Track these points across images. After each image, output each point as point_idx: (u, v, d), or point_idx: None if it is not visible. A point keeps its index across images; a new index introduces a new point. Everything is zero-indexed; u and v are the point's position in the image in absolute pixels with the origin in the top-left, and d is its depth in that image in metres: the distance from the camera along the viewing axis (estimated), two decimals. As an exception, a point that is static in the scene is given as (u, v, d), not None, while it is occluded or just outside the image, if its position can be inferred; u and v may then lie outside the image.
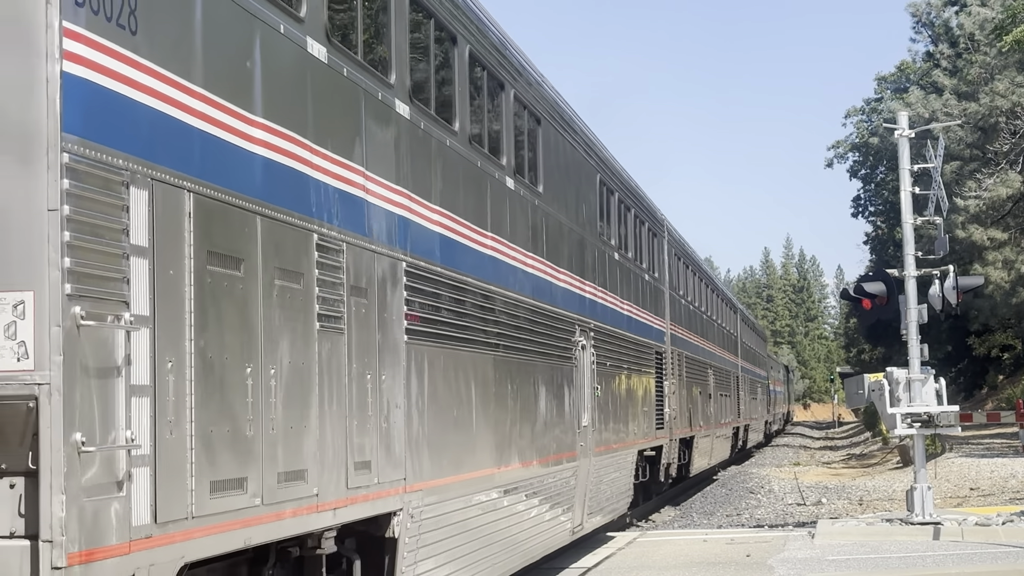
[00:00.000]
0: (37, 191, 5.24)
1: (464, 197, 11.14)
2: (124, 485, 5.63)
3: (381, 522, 9.09)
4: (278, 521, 7.17)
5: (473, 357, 11.20)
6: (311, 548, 7.97)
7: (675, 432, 25.16)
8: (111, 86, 5.66)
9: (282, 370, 7.25)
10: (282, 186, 7.39)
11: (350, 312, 8.30)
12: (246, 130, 6.95)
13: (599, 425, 16.87)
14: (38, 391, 5.21)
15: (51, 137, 5.27)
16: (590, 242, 17.13)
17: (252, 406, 6.84)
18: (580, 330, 16.02)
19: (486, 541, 11.61)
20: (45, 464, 5.20)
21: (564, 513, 15.04)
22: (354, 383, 8.34)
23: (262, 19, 7.20)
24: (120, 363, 5.63)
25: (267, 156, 7.20)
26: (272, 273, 7.17)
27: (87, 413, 5.39)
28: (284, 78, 7.52)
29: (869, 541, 17.84)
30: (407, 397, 9.38)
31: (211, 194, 6.50)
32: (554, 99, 15.34)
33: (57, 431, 5.21)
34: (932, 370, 19.70)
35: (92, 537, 5.39)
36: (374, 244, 8.82)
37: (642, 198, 22.89)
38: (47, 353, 5.22)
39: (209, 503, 6.35)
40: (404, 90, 9.60)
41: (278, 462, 7.14)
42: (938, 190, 20.04)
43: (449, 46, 11.07)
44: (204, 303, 6.37)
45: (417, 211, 9.78)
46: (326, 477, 7.82)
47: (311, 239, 7.75)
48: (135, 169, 5.82)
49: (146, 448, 5.82)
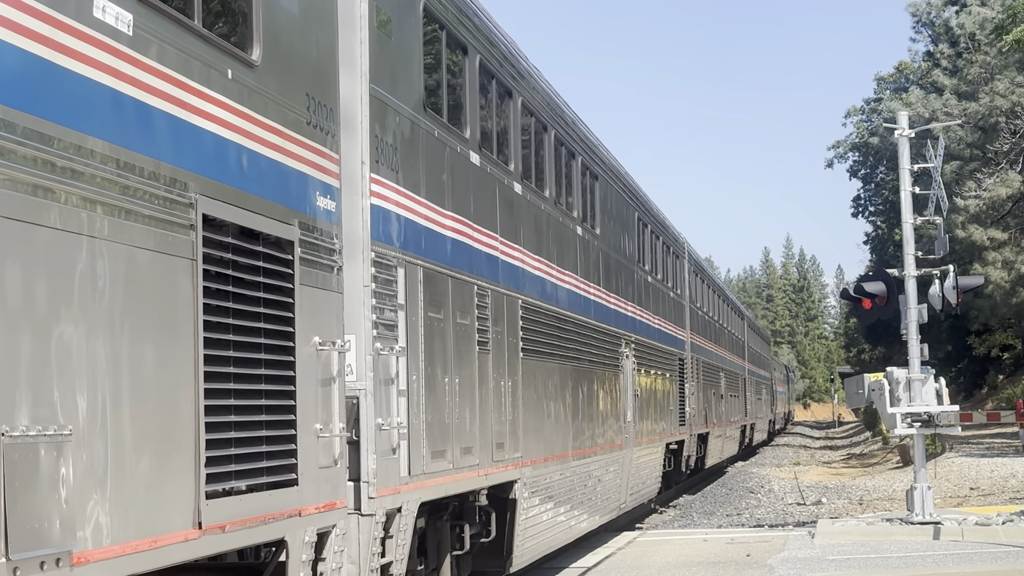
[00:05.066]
0: (359, 274, 8.83)
1: (555, 246, 14.82)
2: (396, 451, 9.23)
3: (506, 487, 12.70)
4: (460, 480, 10.78)
5: (558, 367, 14.83)
6: (471, 502, 11.59)
7: (694, 428, 28.85)
8: (388, 207, 9.27)
9: (461, 380, 10.86)
10: (458, 255, 11.02)
11: (492, 338, 11.92)
12: (442, 221, 10.58)
13: (638, 421, 20.51)
14: (359, 393, 8.80)
15: (365, 243, 8.87)
16: (630, 269, 20.80)
17: (448, 404, 10.45)
18: (624, 343, 19.66)
19: (566, 507, 15.24)
20: (363, 436, 8.79)
21: (614, 491, 18.65)
22: (495, 388, 11.95)
23: (449, 145, 10.83)
24: (394, 377, 9.24)
25: (452, 236, 10.82)
26: (455, 315, 10.78)
27: (382, 407, 8.99)
28: (459, 180, 11.15)
29: (869, 541, 17.88)
30: (522, 397, 13.00)
31: (429, 267, 10.11)
32: (605, 155, 19.00)
33: (370, 417, 8.81)
34: (932, 370, 19.74)
35: (384, 481, 8.98)
36: (504, 288, 12.45)
37: (668, 227, 26.61)
38: (364, 371, 8.82)
39: (431, 464, 9.96)
40: (518, 174, 13.27)
41: (460, 440, 10.75)
42: (938, 190, 19.98)
43: (543, 135, 14.76)
44: (427, 338, 9.98)
45: (528, 262, 13.44)
46: (482, 452, 11.43)
47: (473, 289, 11.37)
48: (398, 257, 9.43)
49: (404, 429, 9.42)
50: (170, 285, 6.07)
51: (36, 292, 5.02)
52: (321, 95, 8.10)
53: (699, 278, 32.91)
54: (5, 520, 4.74)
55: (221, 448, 6.51)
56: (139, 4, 5.86)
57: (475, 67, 11.84)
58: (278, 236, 7.30)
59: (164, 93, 6.08)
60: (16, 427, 4.84)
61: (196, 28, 6.43)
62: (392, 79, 9.50)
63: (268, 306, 7.17)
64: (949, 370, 66.34)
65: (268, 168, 7.25)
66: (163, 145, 6.05)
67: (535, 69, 14.44)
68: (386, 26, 9.39)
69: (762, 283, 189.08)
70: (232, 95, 6.80)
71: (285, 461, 7.28)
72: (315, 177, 7.94)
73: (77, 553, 5.14)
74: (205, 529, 6.25)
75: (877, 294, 19.77)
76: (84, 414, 5.28)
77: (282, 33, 7.55)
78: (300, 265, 7.55)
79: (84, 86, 5.41)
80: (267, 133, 7.24)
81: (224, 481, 6.53)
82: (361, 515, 8.69)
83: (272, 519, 7.04)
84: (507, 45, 13.11)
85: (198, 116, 6.41)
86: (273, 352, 7.19)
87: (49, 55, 5.16)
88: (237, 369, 6.74)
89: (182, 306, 6.17)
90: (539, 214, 14.22)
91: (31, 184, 5.00)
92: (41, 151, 5.07)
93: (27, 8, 5.02)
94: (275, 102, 7.36)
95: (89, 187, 5.38)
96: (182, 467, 6.11)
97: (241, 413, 6.79)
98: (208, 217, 6.43)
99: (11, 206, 4.88)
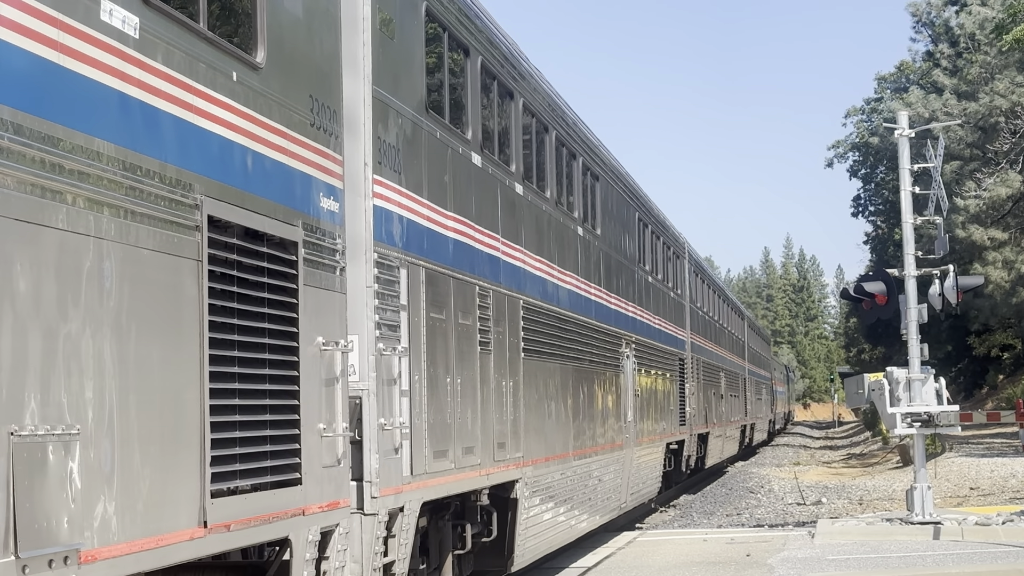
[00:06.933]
0: (361, 275, 8.88)
1: (556, 247, 14.86)
2: (399, 450, 9.28)
3: (507, 487, 12.73)
4: (462, 480, 10.83)
5: (559, 367, 14.87)
6: (473, 501, 11.63)
7: (694, 428, 28.89)
8: (391, 208, 9.32)
9: (463, 380, 10.90)
10: (460, 256, 11.06)
11: (494, 338, 11.96)
12: (444, 222, 10.62)
13: (638, 421, 20.55)
14: (362, 393, 8.84)
15: (368, 244, 8.92)
16: (631, 269, 20.83)
17: (450, 403, 10.50)
18: (625, 343, 19.70)
19: (567, 507, 15.28)
20: (366, 436, 8.84)
21: (615, 491, 18.69)
22: (496, 388, 12.00)
23: (451, 146, 10.87)
24: (396, 377, 9.29)
25: (454, 237, 10.87)
26: (457, 315, 10.82)
27: (384, 407, 9.04)
28: (461, 181, 11.19)
29: (869, 541, 17.87)
30: (523, 397, 13.04)
31: (431, 268, 10.16)
32: (606, 156, 19.04)
33: (373, 417, 8.85)
34: (932, 370, 19.73)
35: (386, 481, 9.02)
36: (506, 289, 12.49)
37: (668, 227, 26.64)
38: (367, 371, 8.86)
39: (433, 464, 10.01)
40: (520, 175, 13.31)
41: (462, 440, 10.80)
42: (938, 190, 19.97)
43: (545, 136, 14.80)
44: (429, 338, 10.03)
45: (529, 262, 13.48)
46: (484, 452, 11.48)
47: (475, 289, 11.42)
48: (400, 257, 9.48)
49: (407, 429, 9.47)
50: (176, 286, 6.12)
51: (44, 293, 5.07)
52: (324, 97, 8.16)
53: (699, 278, 32.95)
54: (14, 518, 4.79)
55: (226, 447, 6.56)
56: (145, 7, 5.91)
57: (477, 68, 11.90)
58: (282, 237, 7.35)
59: (170, 95, 6.13)
60: (25, 427, 4.89)
61: (201, 31, 6.48)
62: (394, 80, 9.55)
63: (272, 306, 7.22)
64: (949, 370, 66.20)
65: (272, 169, 7.30)
66: (169, 147, 6.10)
67: (536, 70, 14.50)
68: (388, 27, 9.44)
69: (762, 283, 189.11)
70: (237, 97, 6.85)
71: (289, 460, 7.33)
72: (318, 178, 8.00)
73: (85, 551, 5.19)
74: (210, 528, 6.30)
75: (877, 294, 19.80)
76: (91, 413, 5.33)
77: (286, 35, 7.60)
78: (304, 266, 7.60)
79: (91, 89, 5.46)
80: (271, 135, 7.29)
81: (229, 480, 6.58)
82: (364, 514, 8.74)
83: (276, 518, 7.09)
84: (508, 46, 13.16)
85: (203, 118, 6.46)
86: (277, 352, 7.25)
87: (57, 58, 5.21)
88: (242, 369, 6.79)
89: (187, 307, 6.22)
90: (540, 215, 14.26)
91: (39, 186, 5.05)
92: (49, 153, 5.12)
93: (35, 12, 5.07)
94: (279, 104, 7.41)
95: (96, 189, 5.43)
96: (188, 466, 6.16)
97: (246, 413, 6.84)
98: (213, 218, 6.48)
99: (20, 208, 4.93)
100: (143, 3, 5.89)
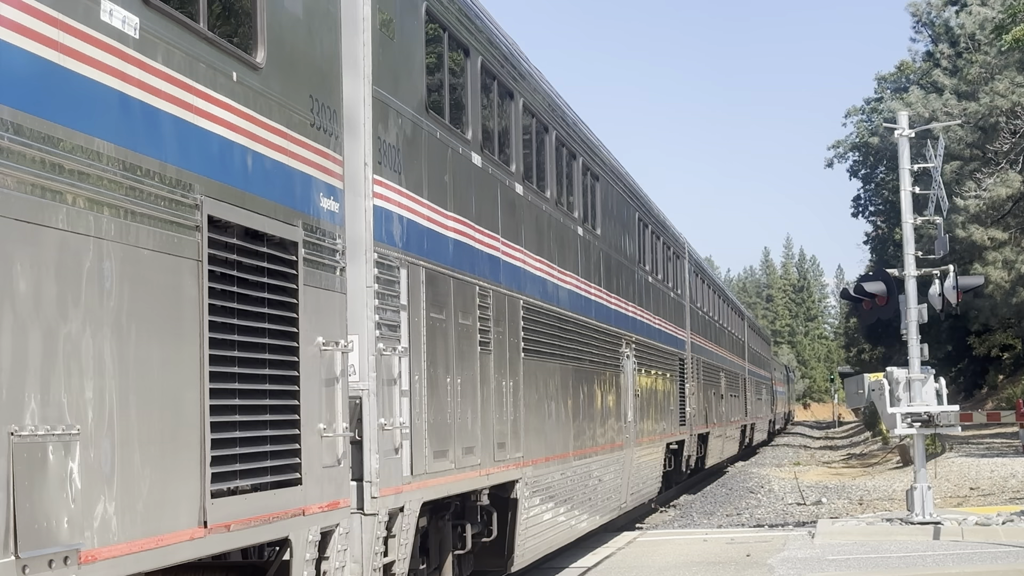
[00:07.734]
0: (361, 275, 8.88)
1: (556, 247, 14.86)
2: (399, 450, 9.27)
3: (507, 487, 12.73)
4: (462, 480, 10.82)
5: (559, 367, 14.87)
6: (473, 501, 11.63)
7: (694, 428, 28.89)
8: (391, 208, 9.32)
9: (463, 380, 10.90)
10: (460, 256, 11.05)
11: (494, 338, 11.96)
12: (444, 222, 10.62)
13: (638, 421, 20.54)
14: (362, 393, 8.84)
15: (368, 244, 8.92)
16: (631, 269, 20.83)
17: (450, 404, 10.50)
18: (625, 343, 19.69)
19: (567, 507, 15.28)
20: (366, 436, 8.83)
21: (615, 491, 18.68)
22: (496, 388, 11.99)
23: (451, 146, 10.87)
24: (396, 377, 9.28)
25: (454, 237, 10.87)
26: (457, 315, 10.82)
27: (384, 407, 9.04)
28: (461, 181, 11.19)
29: (869, 541, 17.89)
30: (523, 397, 13.04)
31: (431, 268, 10.16)
32: (606, 156, 19.04)
33: (373, 417, 8.85)
34: (932, 370, 19.72)
35: (387, 481, 9.02)
36: (506, 289, 12.49)
37: (668, 227, 26.64)
38: (367, 371, 8.86)
39: (433, 464, 10.01)
40: (520, 175, 13.31)
41: (462, 440, 10.79)
42: (938, 190, 19.97)
43: (545, 136, 14.80)
44: (429, 338, 10.02)
45: (529, 262, 13.47)
46: (484, 452, 11.48)
47: (475, 289, 11.41)
48: (400, 257, 9.48)
49: (407, 429, 9.47)
50: (176, 286, 6.12)
51: (44, 293, 5.07)
52: (324, 97, 8.16)
53: (699, 278, 32.94)
54: (14, 518, 4.79)
55: (226, 448, 6.56)
56: (145, 7, 5.91)
57: (477, 68, 11.90)
58: (282, 237, 7.35)
59: (170, 95, 6.13)
60: (25, 427, 4.89)
61: (201, 31, 6.48)
62: (394, 80, 9.55)
63: (272, 307, 7.22)
64: (949, 370, 65.88)
65: (272, 170, 7.30)
66: (169, 147, 6.10)
67: (536, 70, 14.50)
68: (388, 28, 9.44)
69: (762, 283, 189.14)
70: (237, 97, 6.85)
71: (289, 461, 7.33)
72: (318, 178, 8.00)
73: (85, 551, 5.19)
74: (210, 528, 6.30)
75: (877, 294, 19.80)
76: (91, 414, 5.33)
77: (286, 35, 7.60)
78: (304, 266, 7.60)
79: (91, 89, 5.46)
80: (271, 135, 7.29)
81: (229, 480, 6.58)
82: (364, 514, 8.74)
83: (276, 518, 7.09)
84: (508, 46, 13.16)
85: (203, 118, 6.46)
86: (277, 352, 7.25)
87: (57, 58, 5.21)
88: (242, 369, 6.79)
89: (187, 307, 6.22)
90: (540, 215, 14.26)
91: (39, 186, 5.05)
92: (49, 153, 5.12)
93: (36, 12, 5.07)
94: (279, 104, 7.41)
95: (96, 189, 5.43)
96: (188, 466, 6.16)
97: (246, 413, 6.83)
98: (213, 218, 6.48)
99: (20, 208, 4.93)
100: (143, 3, 5.89)
